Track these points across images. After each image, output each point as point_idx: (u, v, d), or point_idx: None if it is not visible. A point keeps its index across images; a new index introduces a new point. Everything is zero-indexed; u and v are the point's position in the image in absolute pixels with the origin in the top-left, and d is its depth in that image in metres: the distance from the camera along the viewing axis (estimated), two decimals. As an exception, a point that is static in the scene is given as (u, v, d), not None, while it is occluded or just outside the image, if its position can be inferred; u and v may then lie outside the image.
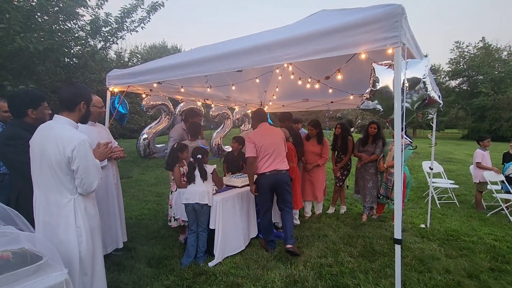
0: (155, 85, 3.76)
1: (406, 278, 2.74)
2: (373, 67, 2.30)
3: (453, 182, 6.08)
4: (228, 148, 6.08)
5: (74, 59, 6.75)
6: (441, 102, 2.55)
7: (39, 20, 5.43)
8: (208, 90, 4.20)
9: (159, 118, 5.25)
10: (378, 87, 2.24)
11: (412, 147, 3.88)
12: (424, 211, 4.86)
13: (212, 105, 5.64)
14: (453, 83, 35.40)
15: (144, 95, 4.32)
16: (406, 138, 3.51)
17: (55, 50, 5.27)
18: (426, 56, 2.58)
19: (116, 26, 6.58)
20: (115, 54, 10.85)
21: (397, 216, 1.95)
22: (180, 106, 5.17)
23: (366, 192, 4.48)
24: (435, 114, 3.79)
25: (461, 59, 33.86)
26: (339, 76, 2.96)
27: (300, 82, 4.05)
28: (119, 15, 6.54)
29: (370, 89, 2.33)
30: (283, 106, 5.94)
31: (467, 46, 33.74)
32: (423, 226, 4.23)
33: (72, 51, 6.49)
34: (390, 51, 1.89)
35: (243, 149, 4.08)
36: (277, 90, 5.30)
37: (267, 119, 3.72)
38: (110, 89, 3.56)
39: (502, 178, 5.10)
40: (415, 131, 32.13)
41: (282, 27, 3.08)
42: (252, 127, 5.52)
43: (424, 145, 12.60)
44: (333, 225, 4.20)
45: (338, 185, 4.82)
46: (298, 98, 5.41)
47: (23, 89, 3.69)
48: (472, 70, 32.48)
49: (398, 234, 1.94)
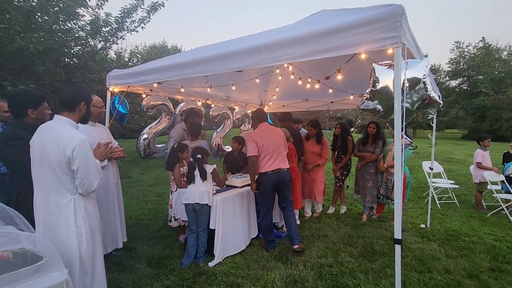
0: (155, 85, 3.75)
1: (406, 278, 2.74)
2: (373, 67, 2.30)
3: (453, 182, 6.08)
4: (228, 148, 6.09)
5: (74, 59, 6.76)
6: (441, 102, 2.55)
7: (39, 20, 5.44)
8: (208, 90, 4.19)
9: (159, 118, 5.27)
10: (378, 87, 2.24)
11: (412, 147, 3.88)
12: (424, 211, 4.86)
13: (212, 105, 5.65)
14: (453, 83, 35.42)
15: (144, 95, 4.32)
16: (406, 138, 3.51)
17: (55, 50, 5.28)
18: (426, 56, 2.58)
19: (116, 26, 6.60)
20: (115, 54, 10.88)
21: (397, 216, 1.95)
22: (180, 106, 5.18)
23: (366, 192, 4.48)
24: (435, 114, 3.79)
25: (461, 59, 33.82)
26: (339, 76, 2.96)
27: (300, 82, 4.04)
28: (119, 15, 6.56)
29: (370, 89, 2.33)
30: (283, 106, 5.93)
31: (467, 46, 33.76)
32: (423, 226, 4.23)
33: (72, 51, 6.51)
34: (390, 51, 1.89)
35: (243, 149, 4.09)
36: (277, 90, 5.29)
37: (267, 119, 3.73)
38: (110, 89, 3.56)
39: (502, 178, 5.10)
40: (415, 131, 32.13)
41: (282, 27, 3.07)
42: (252, 127, 5.52)
43: (424, 145, 12.60)
44: (333, 225, 4.20)
45: (338, 185, 4.82)
46: (298, 98, 5.41)
47: (23, 89, 3.70)
48: (472, 70, 32.45)
49: (398, 234, 1.94)
